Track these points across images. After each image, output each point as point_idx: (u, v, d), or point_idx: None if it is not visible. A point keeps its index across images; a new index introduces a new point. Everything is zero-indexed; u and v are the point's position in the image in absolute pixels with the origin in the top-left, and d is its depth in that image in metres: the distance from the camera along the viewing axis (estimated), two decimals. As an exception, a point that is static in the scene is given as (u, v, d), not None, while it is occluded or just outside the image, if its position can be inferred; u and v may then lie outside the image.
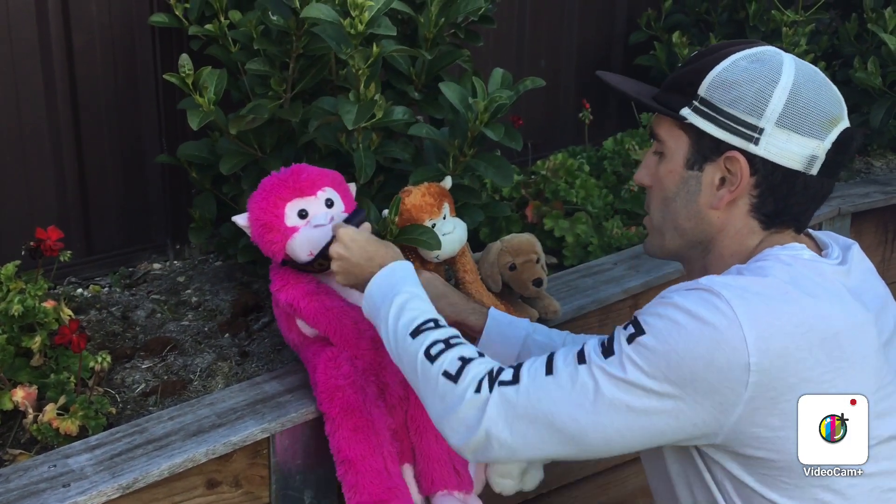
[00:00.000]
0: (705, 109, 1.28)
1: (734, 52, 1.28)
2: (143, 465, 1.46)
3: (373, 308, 1.43)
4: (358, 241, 1.50)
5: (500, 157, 1.80)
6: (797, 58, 1.29)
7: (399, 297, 1.39)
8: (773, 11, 2.71)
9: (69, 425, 1.55)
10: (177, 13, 2.00)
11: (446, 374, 1.28)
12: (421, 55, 1.86)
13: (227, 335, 1.94)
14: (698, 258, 1.36)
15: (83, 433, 1.56)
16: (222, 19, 1.90)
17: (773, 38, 2.75)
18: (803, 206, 1.29)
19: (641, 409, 1.17)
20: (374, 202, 1.81)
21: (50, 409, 1.57)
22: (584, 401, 1.19)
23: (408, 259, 1.79)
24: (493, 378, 1.25)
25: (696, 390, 1.16)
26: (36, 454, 1.53)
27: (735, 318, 1.14)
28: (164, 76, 1.77)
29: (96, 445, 1.51)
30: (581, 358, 1.22)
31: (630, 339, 1.19)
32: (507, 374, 1.25)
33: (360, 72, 1.66)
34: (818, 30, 2.96)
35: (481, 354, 1.30)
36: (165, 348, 1.88)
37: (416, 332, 1.34)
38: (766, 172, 1.26)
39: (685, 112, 1.29)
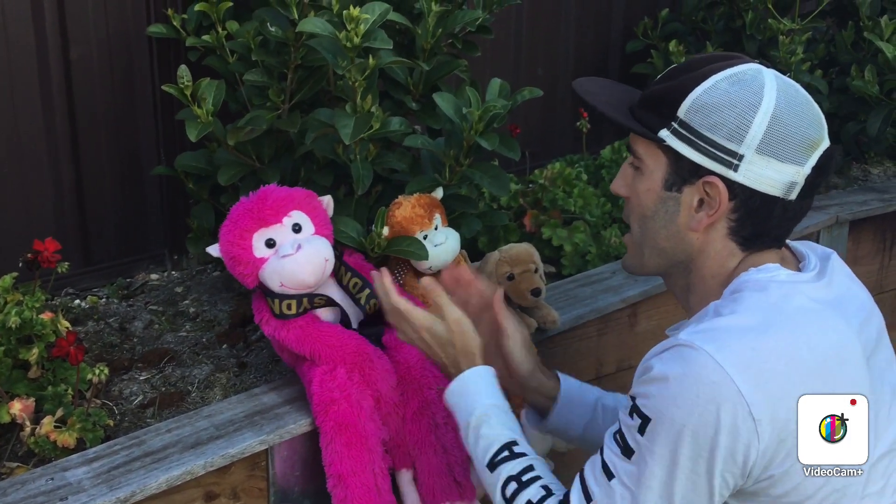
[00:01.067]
0: (684, 133, 1.25)
1: (715, 73, 1.25)
2: (141, 478, 1.46)
3: (457, 413, 1.44)
4: (429, 328, 1.47)
5: (496, 167, 1.80)
6: (779, 75, 1.27)
7: (473, 419, 1.40)
8: (769, 20, 2.72)
9: (67, 438, 1.55)
10: (174, 24, 2.00)
11: None
12: (418, 66, 1.86)
13: (225, 346, 1.93)
14: (680, 276, 1.35)
15: (81, 446, 1.56)
16: (220, 30, 1.90)
17: (769, 46, 2.75)
18: (782, 228, 1.29)
19: (681, 484, 1.17)
20: (373, 212, 1.82)
21: (47, 422, 1.56)
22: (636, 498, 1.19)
23: (402, 271, 1.79)
24: None
25: (720, 454, 1.15)
26: (33, 467, 1.52)
27: (723, 371, 1.13)
28: (162, 87, 1.77)
29: (94, 458, 1.51)
30: (608, 472, 1.22)
31: (641, 431, 1.18)
32: None
33: (357, 84, 1.66)
34: (815, 38, 2.96)
35: (546, 489, 1.31)
36: (163, 360, 1.88)
37: (492, 466, 1.36)
38: (745, 198, 1.25)
39: (664, 134, 1.27)
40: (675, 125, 1.26)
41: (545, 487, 1.31)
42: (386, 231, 1.72)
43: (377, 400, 1.60)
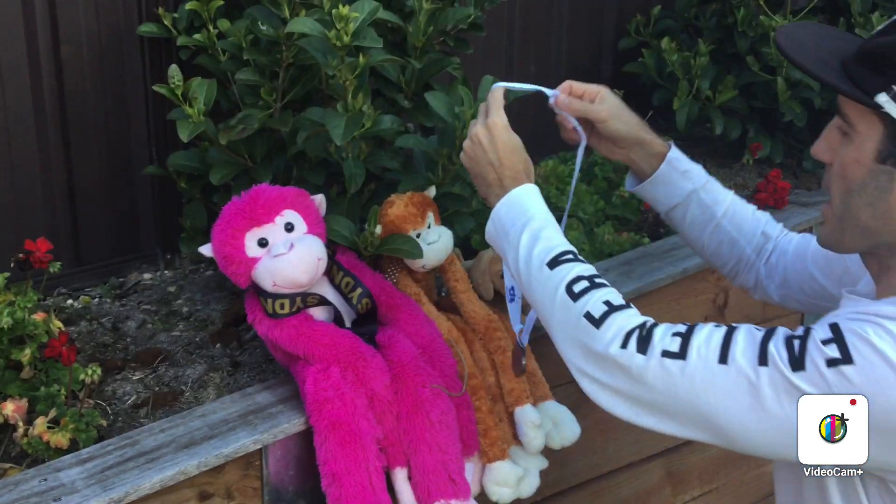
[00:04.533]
0: None
1: None
2: (134, 479, 1.45)
3: (500, 230, 1.34)
4: (502, 138, 1.39)
5: None
6: None
7: (534, 223, 1.30)
8: (761, 17, 2.72)
9: (60, 438, 1.54)
10: (165, 23, 2.00)
11: (588, 316, 1.19)
12: (410, 64, 1.86)
13: (218, 345, 1.93)
14: (883, 257, 1.20)
15: (74, 446, 1.55)
16: (211, 29, 1.90)
17: (761, 43, 2.76)
18: None
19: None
20: (365, 211, 1.81)
21: (40, 423, 1.56)
22: (756, 408, 1.10)
23: (393, 269, 1.79)
24: (643, 337, 1.16)
25: (894, 442, 1.08)
26: (26, 468, 1.52)
27: None
28: (153, 87, 1.76)
29: (87, 459, 1.50)
30: (763, 358, 1.10)
31: (830, 364, 1.06)
32: (672, 343, 1.14)
33: (348, 83, 1.66)
34: (806, 34, 2.97)
35: (628, 304, 1.21)
36: (156, 359, 1.87)
37: (553, 263, 1.24)
38: None
39: (881, 99, 1.10)
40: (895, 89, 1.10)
41: (622, 298, 1.20)
42: (379, 230, 1.72)
43: (371, 398, 1.60)
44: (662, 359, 1.14)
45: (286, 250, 1.59)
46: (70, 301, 2.09)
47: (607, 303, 1.20)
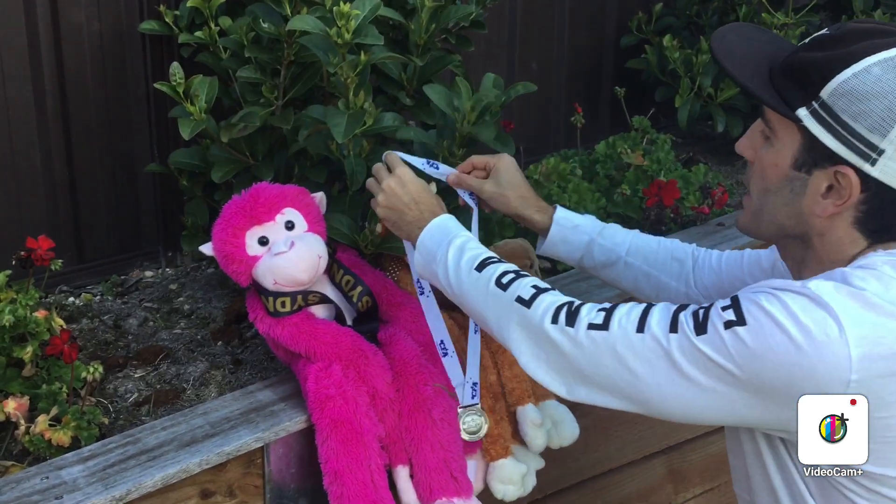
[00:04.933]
0: (825, 116, 1.17)
1: (869, 55, 1.15)
2: (136, 477, 1.45)
3: (427, 256, 1.45)
4: (413, 182, 1.52)
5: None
6: None
7: (457, 240, 1.41)
8: (763, 14, 2.72)
9: (61, 436, 1.54)
10: (167, 20, 2.00)
11: (519, 299, 1.29)
12: (412, 61, 1.86)
13: (219, 343, 1.93)
14: (795, 249, 1.30)
15: (76, 444, 1.55)
16: (212, 26, 1.90)
17: (763, 40, 2.76)
18: None
19: (724, 395, 1.16)
20: (367, 208, 1.81)
21: (42, 420, 1.56)
22: (669, 370, 1.17)
23: (394, 267, 1.79)
24: (571, 312, 1.25)
25: (786, 394, 1.14)
26: (28, 466, 1.52)
27: (843, 334, 1.10)
28: (155, 85, 1.76)
29: (89, 457, 1.50)
30: (674, 326, 1.18)
31: (727, 325, 1.14)
32: (597, 317, 1.23)
33: (349, 80, 1.66)
34: (808, 32, 2.96)
35: (554, 289, 1.31)
36: (158, 357, 1.87)
37: (481, 266, 1.36)
38: (878, 192, 1.17)
39: (802, 114, 1.18)
40: (816, 105, 1.17)
41: (548, 284, 1.31)
42: (380, 228, 1.72)
43: (373, 396, 1.60)
44: (588, 331, 1.23)
45: (287, 248, 1.59)
46: (71, 299, 2.09)
47: (535, 286, 1.31)
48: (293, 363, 1.68)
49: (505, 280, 1.32)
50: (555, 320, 1.25)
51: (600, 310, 1.25)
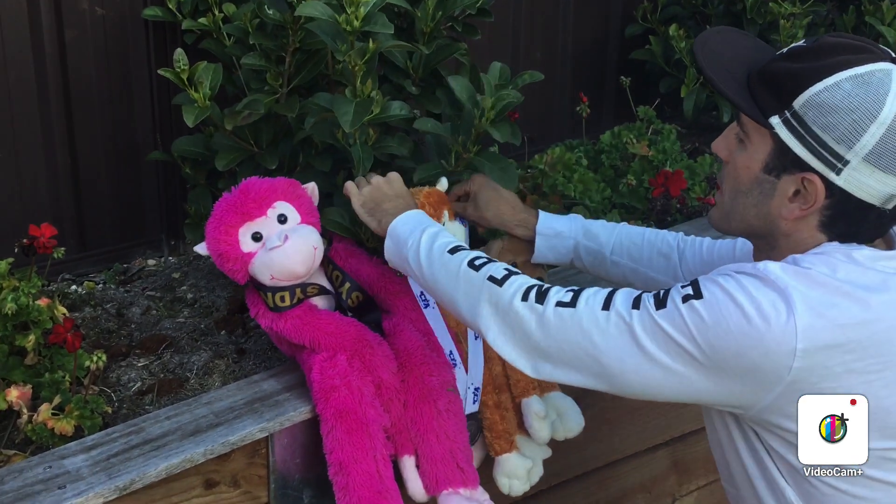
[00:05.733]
0: (795, 125, 1.24)
1: (841, 70, 1.21)
2: (140, 466, 1.45)
3: (398, 241, 1.49)
4: (399, 183, 1.61)
5: (504, 158, 1.78)
6: None
7: (431, 228, 1.47)
8: (770, 3, 2.70)
9: (64, 425, 1.53)
10: (170, 7, 1.98)
11: (491, 279, 1.35)
12: (418, 49, 1.84)
13: (223, 332, 1.92)
14: (763, 248, 1.37)
15: (79, 433, 1.54)
16: (217, 13, 1.88)
17: (770, 30, 2.74)
18: (874, 232, 1.29)
19: (681, 370, 1.22)
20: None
21: (45, 409, 1.55)
22: (630, 345, 1.24)
23: None
24: (541, 292, 1.31)
25: (737, 365, 1.19)
26: (31, 455, 1.51)
27: (791, 309, 1.17)
28: (158, 71, 1.75)
29: (92, 446, 1.50)
30: (636, 304, 1.25)
31: (685, 299, 1.22)
32: (565, 296, 1.30)
33: (357, 68, 1.64)
34: (815, 22, 2.94)
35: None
36: (161, 346, 1.86)
37: (454, 251, 1.41)
38: (841, 199, 1.24)
39: (774, 122, 1.25)
40: (788, 115, 1.24)
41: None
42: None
43: (378, 386, 1.59)
44: (556, 308, 1.29)
45: (281, 242, 1.58)
46: (74, 287, 2.08)
47: (507, 269, 1.37)
48: (297, 355, 1.67)
49: (478, 262, 1.38)
50: (525, 298, 1.31)
51: (569, 290, 1.32)
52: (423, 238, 1.45)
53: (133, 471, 1.44)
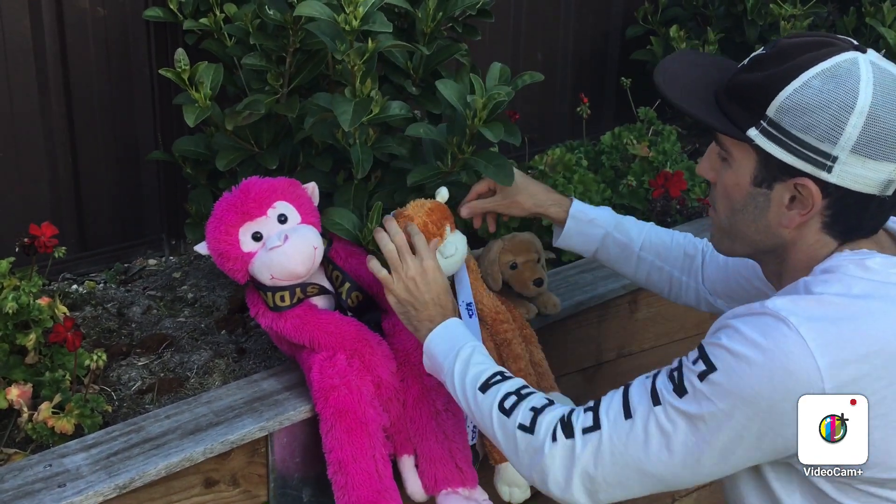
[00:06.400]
0: (774, 132, 1.20)
1: (806, 68, 1.18)
2: (139, 465, 1.45)
3: (435, 364, 1.48)
4: (436, 280, 1.52)
5: (500, 156, 1.78)
6: (876, 62, 1.19)
7: (463, 352, 1.44)
8: (771, 5, 2.70)
9: (65, 424, 1.54)
10: (171, 7, 1.98)
11: (522, 427, 1.31)
12: (418, 50, 1.85)
13: (223, 332, 1.92)
14: (772, 262, 1.33)
15: (79, 432, 1.55)
16: (218, 13, 1.88)
17: (771, 31, 2.74)
18: (878, 221, 1.25)
19: (723, 441, 1.17)
20: (373, 198, 1.80)
21: (45, 408, 1.55)
22: (668, 443, 1.20)
23: None
24: (566, 424, 1.27)
25: (771, 416, 1.15)
26: (31, 454, 1.52)
27: (805, 345, 1.13)
28: (159, 71, 1.75)
29: (92, 444, 1.50)
30: (655, 398, 1.22)
31: (702, 377, 1.17)
32: (587, 420, 1.26)
33: (356, 68, 1.65)
34: (816, 24, 2.95)
35: (550, 402, 1.33)
36: (162, 345, 1.87)
37: (485, 387, 1.38)
38: (839, 196, 1.20)
39: (752, 133, 1.22)
40: (765, 124, 1.21)
41: (547, 398, 1.34)
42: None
43: (377, 386, 1.59)
44: (584, 437, 1.26)
45: (281, 242, 1.58)
46: (75, 286, 2.08)
47: (532, 409, 1.32)
48: (297, 354, 1.67)
49: (507, 404, 1.34)
50: (554, 438, 1.28)
51: (586, 410, 1.28)
52: (456, 366, 1.43)
53: (133, 469, 1.44)
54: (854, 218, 1.23)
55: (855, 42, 1.22)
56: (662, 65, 1.33)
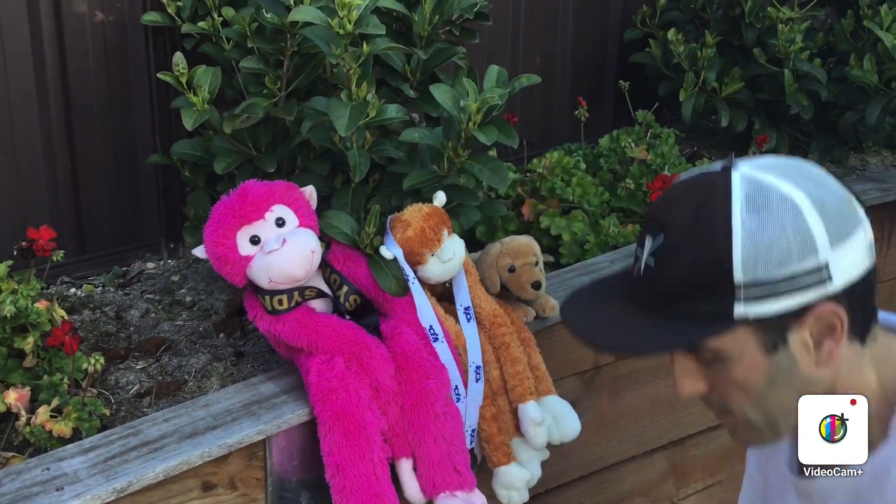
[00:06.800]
0: (758, 292, 1.03)
1: (729, 224, 1.03)
2: (137, 468, 1.45)
3: None
4: None
5: (495, 159, 1.79)
6: (751, 168, 1.05)
7: None
8: (769, 8, 2.70)
9: (62, 427, 1.54)
10: (169, 11, 1.99)
11: None
12: (415, 53, 1.85)
13: (221, 335, 1.92)
14: None
15: (77, 435, 1.55)
16: (215, 17, 1.89)
17: (768, 34, 2.74)
18: (875, 294, 1.11)
19: None
20: (371, 201, 1.80)
21: (43, 411, 1.55)
22: None
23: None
24: None
25: None
26: (29, 457, 1.52)
27: None
28: (157, 75, 1.75)
29: (90, 448, 1.50)
30: None
31: None
32: None
33: (352, 71, 1.65)
34: (814, 27, 2.95)
35: None
36: (160, 349, 1.87)
37: None
38: (851, 293, 1.06)
39: (742, 311, 1.03)
40: (742, 294, 1.03)
41: None
42: (376, 230, 1.70)
43: (376, 389, 1.59)
44: None
45: (279, 246, 1.58)
46: (73, 290, 2.08)
47: None
48: (295, 357, 1.67)
49: None
50: None
51: None
52: None
53: (131, 473, 1.44)
54: (867, 303, 1.10)
55: (721, 164, 1.08)
56: (569, 322, 1.14)
